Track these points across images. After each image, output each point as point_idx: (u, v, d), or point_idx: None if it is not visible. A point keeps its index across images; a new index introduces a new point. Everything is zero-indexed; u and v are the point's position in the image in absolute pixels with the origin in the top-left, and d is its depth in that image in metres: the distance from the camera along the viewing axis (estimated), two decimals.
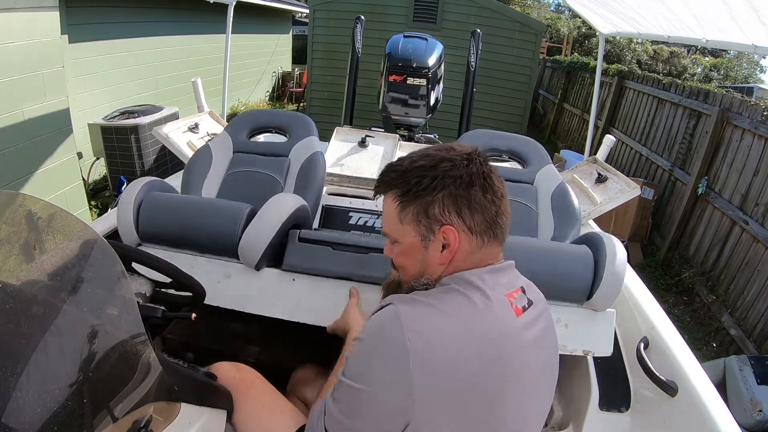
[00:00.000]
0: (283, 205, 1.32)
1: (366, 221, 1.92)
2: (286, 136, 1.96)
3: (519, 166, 1.98)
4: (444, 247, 0.80)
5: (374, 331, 0.76)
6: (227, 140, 1.90)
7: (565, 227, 1.72)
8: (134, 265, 1.06)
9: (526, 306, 0.82)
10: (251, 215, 1.32)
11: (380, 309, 0.79)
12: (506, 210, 0.82)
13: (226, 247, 1.32)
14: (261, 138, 2.24)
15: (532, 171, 1.88)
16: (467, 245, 0.80)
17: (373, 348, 0.74)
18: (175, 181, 2.18)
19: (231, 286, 1.33)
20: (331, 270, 1.30)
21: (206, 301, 1.23)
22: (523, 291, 0.83)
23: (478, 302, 0.76)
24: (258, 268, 1.31)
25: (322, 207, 1.89)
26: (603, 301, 1.25)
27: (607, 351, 1.29)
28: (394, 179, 0.83)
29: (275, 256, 1.34)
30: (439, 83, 3.09)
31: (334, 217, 1.93)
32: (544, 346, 0.84)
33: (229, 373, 1.07)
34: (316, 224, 1.88)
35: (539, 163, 1.90)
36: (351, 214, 1.92)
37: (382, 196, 0.86)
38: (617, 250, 1.26)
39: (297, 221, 1.39)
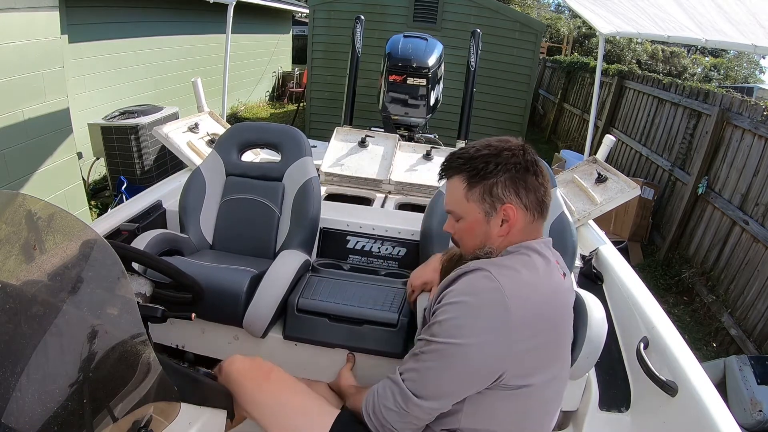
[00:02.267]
0: (281, 279, 1.44)
1: (363, 245, 1.89)
2: (277, 152, 1.93)
3: None
4: (503, 221, 0.96)
5: (473, 292, 0.88)
6: (218, 162, 1.87)
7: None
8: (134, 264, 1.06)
9: (566, 274, 1.01)
10: (253, 284, 1.44)
11: (465, 274, 0.91)
12: (550, 192, 1.00)
13: (230, 321, 1.46)
14: (251, 154, 2.26)
15: None
16: (522, 220, 0.96)
17: (476, 307, 0.86)
18: (175, 182, 2.20)
19: (240, 346, 1.51)
20: (328, 341, 1.43)
21: (218, 356, 1.46)
22: (559, 263, 1.00)
23: (542, 265, 0.94)
24: (263, 336, 1.44)
25: (321, 230, 1.87)
26: (580, 371, 1.26)
27: (573, 406, 1.40)
28: (461, 164, 0.99)
29: (278, 317, 1.46)
30: (439, 83, 3.10)
31: (333, 242, 1.91)
32: (572, 311, 1.05)
33: (244, 364, 1.09)
34: (315, 250, 1.88)
35: None
36: (349, 238, 1.90)
37: (445, 180, 1.04)
38: (596, 315, 1.26)
39: (297, 279, 1.52)
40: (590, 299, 1.35)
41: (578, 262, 1.81)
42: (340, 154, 2.62)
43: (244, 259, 1.75)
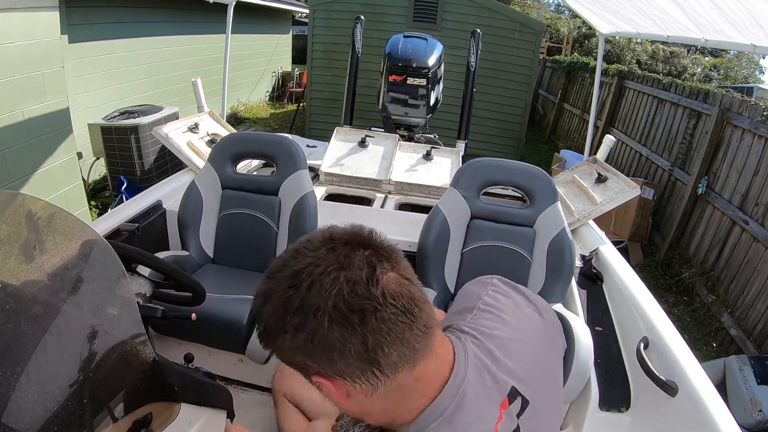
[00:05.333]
0: None
1: None
2: (272, 164, 1.93)
3: (521, 202, 1.90)
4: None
5: None
6: (213, 176, 1.87)
7: (554, 282, 1.65)
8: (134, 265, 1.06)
9: (517, 425, 0.62)
10: (254, 314, 1.44)
11: None
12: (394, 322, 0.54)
13: (233, 349, 1.53)
14: (245, 165, 2.27)
15: (535, 211, 1.72)
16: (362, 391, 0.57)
17: None
18: (175, 182, 2.20)
19: (245, 367, 1.62)
20: None
21: (228, 375, 1.59)
22: (515, 393, 0.62)
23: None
24: (266, 362, 1.53)
25: None
26: (565, 399, 1.26)
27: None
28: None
29: None
30: (439, 83, 3.10)
31: None
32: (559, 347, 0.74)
33: None
34: None
35: (545, 200, 1.72)
36: None
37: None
38: (583, 341, 1.26)
39: None
40: (577, 324, 1.37)
41: (578, 262, 1.81)
42: (340, 154, 2.62)
43: (245, 276, 1.78)
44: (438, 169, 2.56)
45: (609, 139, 2.44)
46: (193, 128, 2.48)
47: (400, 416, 0.59)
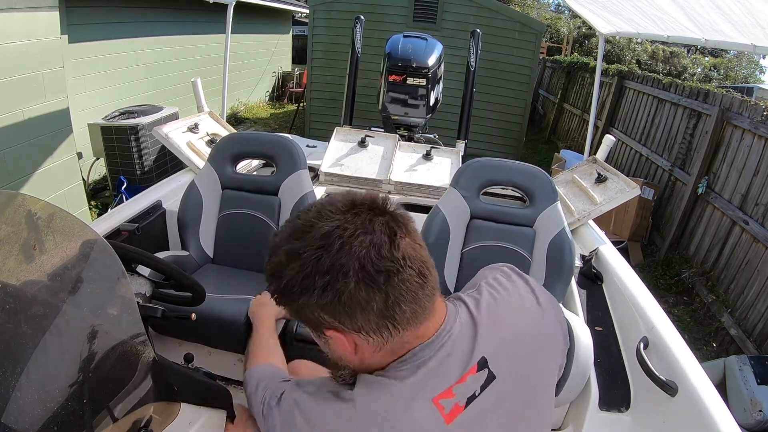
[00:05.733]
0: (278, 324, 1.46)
1: None
2: (271, 165, 1.93)
3: (521, 202, 1.89)
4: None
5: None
6: (213, 176, 1.87)
7: (554, 282, 1.65)
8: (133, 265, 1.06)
9: (477, 392, 0.63)
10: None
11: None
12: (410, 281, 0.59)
13: (233, 348, 1.51)
14: (245, 165, 2.26)
15: (535, 211, 1.71)
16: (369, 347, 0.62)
17: None
18: (175, 182, 2.20)
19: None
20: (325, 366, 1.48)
21: (228, 375, 1.56)
22: (483, 364, 0.64)
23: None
24: None
25: None
26: (565, 399, 1.26)
27: (556, 424, 1.39)
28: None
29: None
30: (438, 83, 3.10)
31: None
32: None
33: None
34: None
35: (544, 200, 1.71)
36: None
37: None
38: (583, 341, 1.26)
39: None
40: (577, 324, 1.36)
41: (578, 262, 1.81)
42: (340, 154, 2.62)
43: (245, 276, 1.78)
44: (438, 169, 2.56)
45: (609, 139, 2.44)
46: (193, 128, 2.48)
47: (382, 365, 0.64)
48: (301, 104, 7.66)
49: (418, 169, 2.56)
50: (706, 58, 13.66)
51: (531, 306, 0.73)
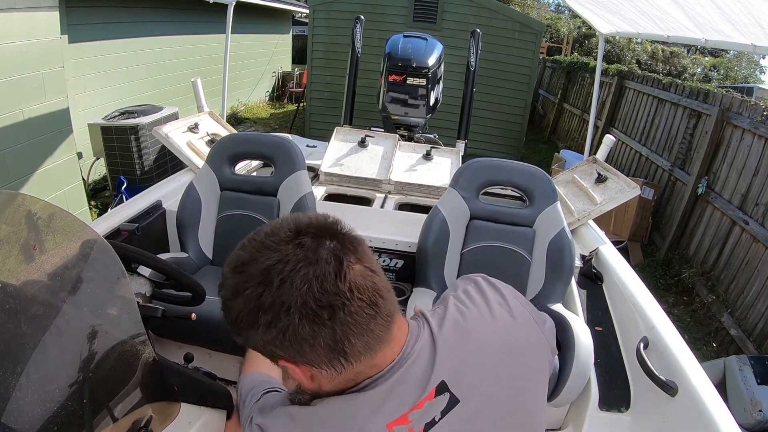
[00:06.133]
0: None
1: None
2: (270, 165, 1.93)
3: (521, 202, 1.89)
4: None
5: None
6: (211, 177, 1.86)
7: (554, 283, 1.65)
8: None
9: (437, 418, 0.60)
10: None
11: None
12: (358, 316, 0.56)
13: (233, 351, 1.50)
14: (245, 165, 2.23)
15: (535, 211, 1.71)
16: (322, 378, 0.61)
17: None
18: (175, 182, 2.20)
19: None
20: None
21: (229, 377, 1.53)
22: (443, 388, 0.61)
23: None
24: None
25: None
26: (565, 400, 1.25)
27: (556, 424, 1.40)
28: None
29: None
30: (438, 83, 3.10)
31: None
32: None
33: None
34: None
35: (544, 201, 1.71)
36: None
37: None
38: (583, 341, 1.26)
39: None
40: (577, 324, 1.36)
41: (578, 262, 1.81)
42: (340, 154, 2.62)
43: None
44: (438, 169, 2.56)
45: (609, 139, 2.44)
46: (193, 128, 2.48)
47: (338, 389, 0.62)
48: (301, 104, 7.66)
49: (418, 169, 2.56)
50: (706, 58, 13.66)
51: (502, 319, 0.69)
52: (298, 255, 0.54)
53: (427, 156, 2.62)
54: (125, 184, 3.97)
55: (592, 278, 1.77)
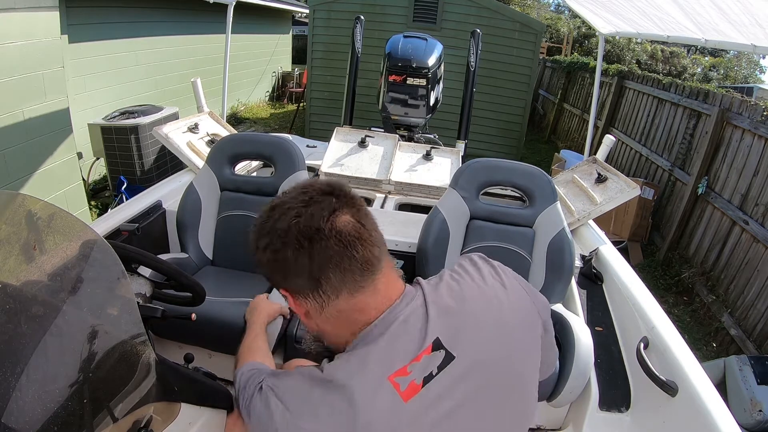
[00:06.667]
0: (275, 325, 1.45)
1: None
2: (270, 165, 1.92)
3: (521, 202, 1.89)
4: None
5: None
6: (211, 177, 1.86)
7: (554, 282, 1.65)
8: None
9: (434, 372, 0.65)
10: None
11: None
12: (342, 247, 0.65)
13: (233, 352, 1.53)
14: (244, 165, 2.23)
15: (535, 211, 1.71)
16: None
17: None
18: (175, 182, 2.20)
19: None
20: None
21: (229, 378, 1.50)
22: (438, 345, 0.66)
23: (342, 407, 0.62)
24: None
25: None
26: (565, 400, 1.25)
27: (556, 424, 1.40)
28: None
29: (278, 345, 1.50)
30: (438, 83, 3.10)
31: None
32: (472, 413, 0.67)
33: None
34: None
35: (544, 201, 1.71)
36: None
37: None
38: (583, 341, 1.26)
39: None
40: (577, 324, 1.36)
41: (578, 262, 1.81)
42: (340, 154, 2.62)
43: (244, 278, 1.77)
44: (438, 169, 2.57)
45: (609, 139, 2.44)
46: (193, 128, 2.48)
47: (343, 340, 0.70)
48: (301, 104, 7.66)
49: (418, 169, 2.56)
50: (706, 58, 13.65)
51: (495, 288, 0.75)
52: (299, 200, 0.67)
53: (427, 156, 2.62)
54: (125, 184, 3.97)
55: (592, 278, 1.77)
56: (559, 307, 1.58)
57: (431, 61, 2.94)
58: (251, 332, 1.13)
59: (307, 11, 7.26)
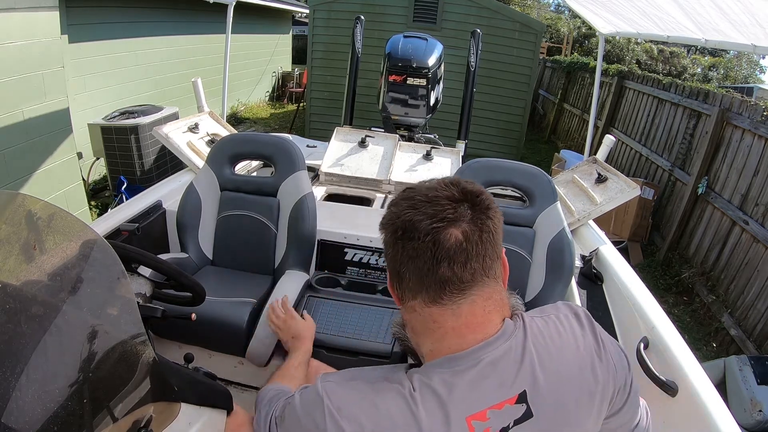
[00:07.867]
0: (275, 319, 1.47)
1: (361, 258, 1.88)
2: (270, 165, 1.92)
3: (521, 202, 1.88)
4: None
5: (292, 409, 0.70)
6: (211, 177, 1.86)
7: (554, 283, 1.64)
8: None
9: (511, 425, 0.62)
10: (253, 317, 1.52)
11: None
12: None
13: (233, 352, 1.55)
14: (244, 165, 2.23)
15: (535, 211, 1.70)
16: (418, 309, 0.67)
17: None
18: (175, 182, 2.20)
19: (245, 369, 1.61)
20: None
21: (229, 378, 1.58)
22: (523, 398, 0.63)
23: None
24: (266, 365, 1.52)
25: (319, 242, 1.86)
26: None
27: None
28: None
29: (279, 345, 1.50)
30: (439, 83, 3.10)
31: (331, 254, 1.90)
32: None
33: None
34: (314, 261, 1.88)
35: (544, 201, 1.70)
36: (346, 250, 1.89)
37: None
38: None
39: (296, 303, 1.58)
40: None
41: (578, 263, 1.81)
42: (340, 154, 2.62)
43: (244, 278, 1.77)
44: (438, 169, 2.56)
45: (609, 139, 2.44)
46: (193, 128, 2.48)
47: (418, 348, 0.69)
48: (301, 104, 7.66)
49: (418, 169, 2.56)
50: (706, 58, 13.65)
51: (588, 353, 0.69)
52: (425, 196, 0.65)
53: (428, 156, 2.62)
54: (125, 184, 3.97)
55: (592, 278, 1.77)
56: None
57: (431, 61, 2.94)
58: (295, 360, 1.19)
59: (307, 11, 7.26)
